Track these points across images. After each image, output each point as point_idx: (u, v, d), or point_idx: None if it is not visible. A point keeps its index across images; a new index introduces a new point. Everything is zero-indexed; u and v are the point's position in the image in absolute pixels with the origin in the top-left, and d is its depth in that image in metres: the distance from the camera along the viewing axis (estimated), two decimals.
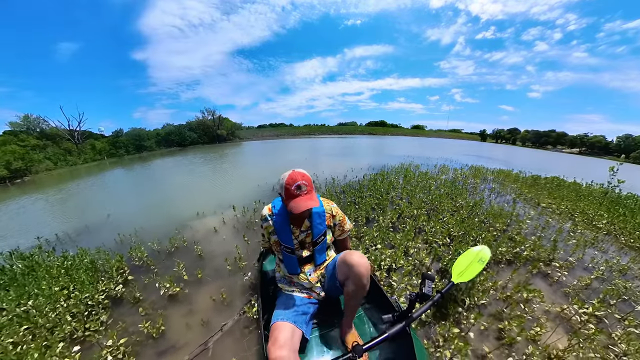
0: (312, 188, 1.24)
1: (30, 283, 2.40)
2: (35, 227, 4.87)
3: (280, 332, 1.18)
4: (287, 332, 1.19)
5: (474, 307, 2.09)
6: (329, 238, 1.47)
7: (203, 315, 2.08)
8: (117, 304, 2.29)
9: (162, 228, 4.13)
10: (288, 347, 1.11)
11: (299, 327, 1.26)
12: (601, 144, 60.67)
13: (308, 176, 1.25)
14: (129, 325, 2.02)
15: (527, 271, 2.58)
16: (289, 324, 1.24)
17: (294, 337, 1.20)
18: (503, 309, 2.08)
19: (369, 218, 3.86)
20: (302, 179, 1.21)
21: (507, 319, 1.97)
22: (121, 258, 2.85)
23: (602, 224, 4.01)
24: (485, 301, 2.12)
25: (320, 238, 1.40)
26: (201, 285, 2.52)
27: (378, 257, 2.57)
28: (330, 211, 1.45)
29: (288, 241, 1.38)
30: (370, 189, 5.28)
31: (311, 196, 1.20)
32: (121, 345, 1.74)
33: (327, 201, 1.46)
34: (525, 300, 2.16)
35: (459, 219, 3.56)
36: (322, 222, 1.40)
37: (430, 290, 1.17)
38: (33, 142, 21.67)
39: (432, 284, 1.19)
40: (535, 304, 2.13)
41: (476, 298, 2.11)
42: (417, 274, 2.45)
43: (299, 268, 1.44)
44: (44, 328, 1.88)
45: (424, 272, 1.51)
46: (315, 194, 1.26)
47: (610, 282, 2.48)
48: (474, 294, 2.13)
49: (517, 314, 2.01)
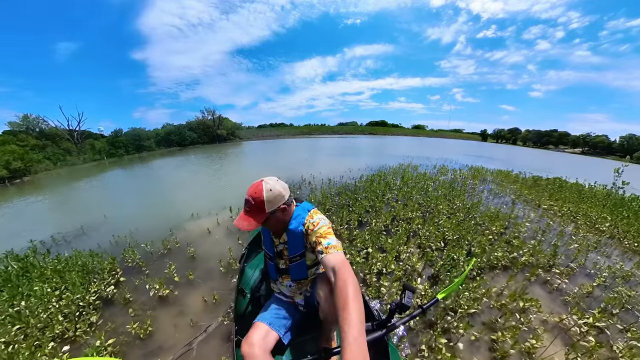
0: (257, 206, 1.11)
1: (24, 284, 2.44)
2: (32, 229, 4.83)
3: (254, 331, 1.22)
4: (261, 331, 1.22)
5: (464, 315, 1.97)
6: (309, 260, 1.29)
7: (192, 317, 2.10)
8: (108, 305, 2.30)
9: (157, 229, 4.11)
10: (258, 346, 1.14)
11: (275, 329, 1.27)
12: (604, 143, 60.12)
13: (261, 195, 1.10)
14: (118, 325, 2.03)
15: (525, 278, 2.46)
16: (264, 324, 1.26)
17: (268, 337, 1.21)
18: (497, 318, 1.96)
19: (362, 221, 3.75)
20: (252, 194, 1.11)
21: (501, 329, 1.85)
22: (113, 260, 2.86)
23: (605, 226, 3.87)
24: (476, 310, 2.00)
25: (296, 257, 1.28)
26: (192, 287, 2.52)
27: (368, 261, 2.46)
28: (307, 230, 1.19)
29: (269, 248, 1.38)
30: (366, 190, 5.17)
31: (248, 218, 1.11)
32: (109, 346, 1.76)
33: (312, 215, 1.21)
34: (522, 309, 2.04)
35: (455, 222, 3.44)
36: (300, 242, 1.22)
37: (410, 301, 1.11)
38: (32, 142, 21.67)
39: (412, 294, 1.13)
40: (532, 314, 2.01)
41: (466, 306, 1.99)
42: (408, 279, 2.35)
43: (277, 276, 1.41)
44: (35, 328, 1.90)
45: (404, 282, 1.45)
46: (264, 216, 1.12)
47: (612, 289, 2.35)
48: (464, 302, 2.01)
49: (512, 324, 1.89)
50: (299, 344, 1.41)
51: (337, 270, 0.92)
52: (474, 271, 2.51)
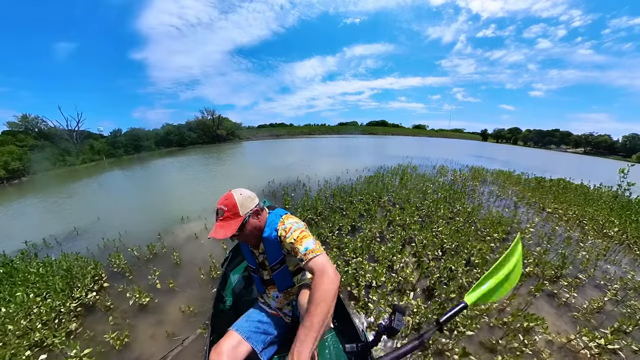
0: (231, 211, 1.11)
1: (5, 290, 2.37)
2: (25, 231, 4.70)
3: (226, 339, 1.17)
4: (233, 341, 1.16)
5: (461, 337, 1.77)
6: (291, 265, 1.26)
7: (169, 327, 2.02)
8: (90, 312, 2.25)
9: (146, 233, 4.06)
10: (226, 355, 1.09)
11: (251, 342, 1.19)
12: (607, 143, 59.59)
13: (233, 200, 1.12)
14: (97, 334, 1.97)
15: (530, 292, 2.25)
16: (237, 334, 1.19)
17: (239, 348, 1.15)
18: (498, 339, 1.77)
19: (355, 226, 3.55)
20: (223, 203, 1.12)
21: (502, 352, 1.66)
22: (96, 265, 2.81)
23: (613, 231, 3.66)
24: (473, 332, 1.80)
25: (276, 265, 1.24)
26: (172, 295, 2.46)
27: (358, 272, 2.27)
28: (280, 237, 1.16)
29: (250, 261, 1.33)
30: (362, 192, 4.97)
31: (223, 224, 1.10)
32: (84, 356, 1.71)
33: (284, 221, 1.18)
34: (525, 329, 1.84)
35: (454, 229, 3.23)
36: (277, 248, 1.19)
37: (400, 324, 0.92)
38: (31, 143, 21.59)
39: (402, 317, 0.95)
40: (537, 334, 1.81)
41: (463, 325, 1.79)
42: (400, 293, 2.15)
43: (264, 288, 1.38)
44: (13, 335, 1.85)
45: (394, 304, 1.28)
46: (239, 220, 1.11)
47: (625, 303, 2.15)
48: (460, 321, 1.81)
49: (515, 346, 1.70)
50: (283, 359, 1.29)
51: (314, 276, 0.94)
52: (474, 282, 2.31)
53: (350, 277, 2.27)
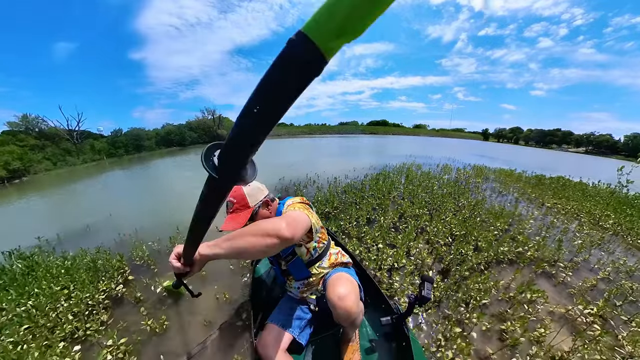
0: (240, 203, 1.13)
1: (30, 283, 2.41)
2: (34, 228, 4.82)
3: (268, 332, 1.23)
4: (273, 332, 1.23)
5: (475, 307, 2.06)
6: (303, 256, 1.25)
7: (205, 315, 2.08)
8: (118, 304, 2.30)
9: (162, 226, 4.10)
10: (272, 347, 1.15)
11: (289, 330, 1.27)
12: (608, 142, 59.82)
13: (241, 191, 1.13)
14: (130, 324, 2.02)
15: (531, 271, 2.54)
16: (276, 326, 1.26)
17: (281, 338, 1.21)
18: (506, 309, 2.05)
19: (370, 218, 3.84)
20: (232, 195, 1.13)
21: (510, 319, 1.94)
22: (121, 257, 2.84)
23: (608, 224, 3.94)
24: (487, 300, 2.09)
25: (289, 256, 1.27)
26: (202, 285, 2.51)
27: (379, 257, 2.55)
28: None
29: None
30: (372, 188, 5.25)
31: (234, 216, 1.12)
32: (122, 345, 1.75)
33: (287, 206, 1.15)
34: (529, 300, 2.12)
35: (461, 219, 3.52)
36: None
37: (430, 292, 1.16)
38: (32, 142, 21.56)
39: (431, 286, 1.19)
40: (539, 305, 2.10)
41: (478, 297, 2.08)
42: (419, 274, 2.43)
43: (284, 278, 1.43)
44: (44, 327, 1.89)
45: (423, 274, 1.49)
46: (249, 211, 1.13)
47: (616, 283, 2.43)
48: (475, 294, 2.10)
49: (521, 315, 1.98)
50: (316, 342, 1.39)
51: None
52: (482, 264, 2.60)
53: (373, 262, 2.54)
